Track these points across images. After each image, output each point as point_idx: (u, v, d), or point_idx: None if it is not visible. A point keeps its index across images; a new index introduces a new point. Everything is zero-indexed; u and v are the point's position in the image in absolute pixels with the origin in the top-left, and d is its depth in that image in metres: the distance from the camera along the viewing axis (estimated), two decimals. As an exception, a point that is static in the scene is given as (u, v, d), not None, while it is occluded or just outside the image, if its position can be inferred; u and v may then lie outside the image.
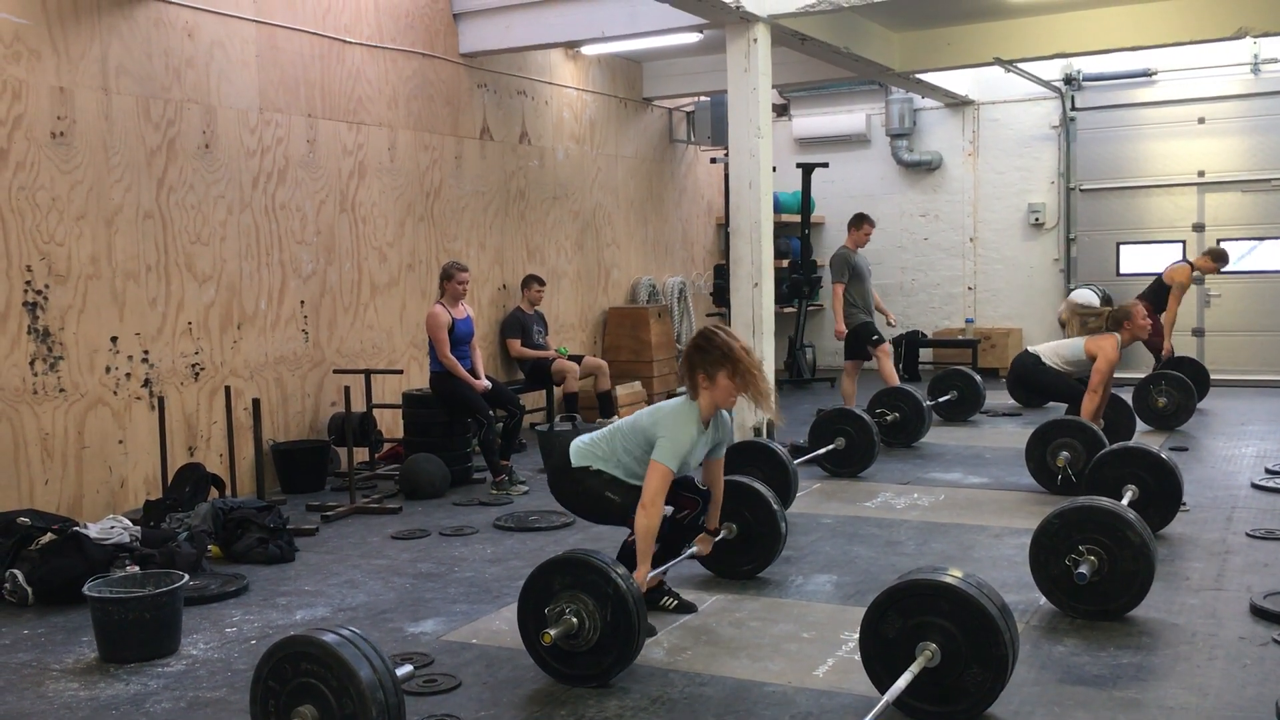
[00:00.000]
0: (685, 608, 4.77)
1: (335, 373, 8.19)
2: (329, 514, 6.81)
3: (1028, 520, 5.79)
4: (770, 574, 5.26)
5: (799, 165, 12.66)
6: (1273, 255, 11.94)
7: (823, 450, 7.56)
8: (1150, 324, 7.72)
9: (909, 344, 12.83)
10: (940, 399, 9.67)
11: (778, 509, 5.20)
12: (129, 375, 6.82)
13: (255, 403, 6.94)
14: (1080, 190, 12.80)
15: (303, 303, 8.03)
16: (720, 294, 12.37)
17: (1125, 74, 12.35)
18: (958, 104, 13.25)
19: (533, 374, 9.62)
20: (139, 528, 5.70)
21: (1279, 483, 7.02)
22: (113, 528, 5.55)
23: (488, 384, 7.68)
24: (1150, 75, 12.25)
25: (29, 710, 3.93)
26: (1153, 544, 4.50)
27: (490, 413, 7.50)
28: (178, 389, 7.12)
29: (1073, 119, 12.73)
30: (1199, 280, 11.18)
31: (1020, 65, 11.04)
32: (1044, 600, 4.67)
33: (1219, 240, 12.07)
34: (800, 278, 12.55)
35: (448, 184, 9.39)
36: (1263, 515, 6.25)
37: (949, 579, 3.57)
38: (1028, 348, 7.96)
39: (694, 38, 9.92)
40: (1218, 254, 10.12)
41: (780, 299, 11.81)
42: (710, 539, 4.90)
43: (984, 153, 13.32)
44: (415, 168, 9.05)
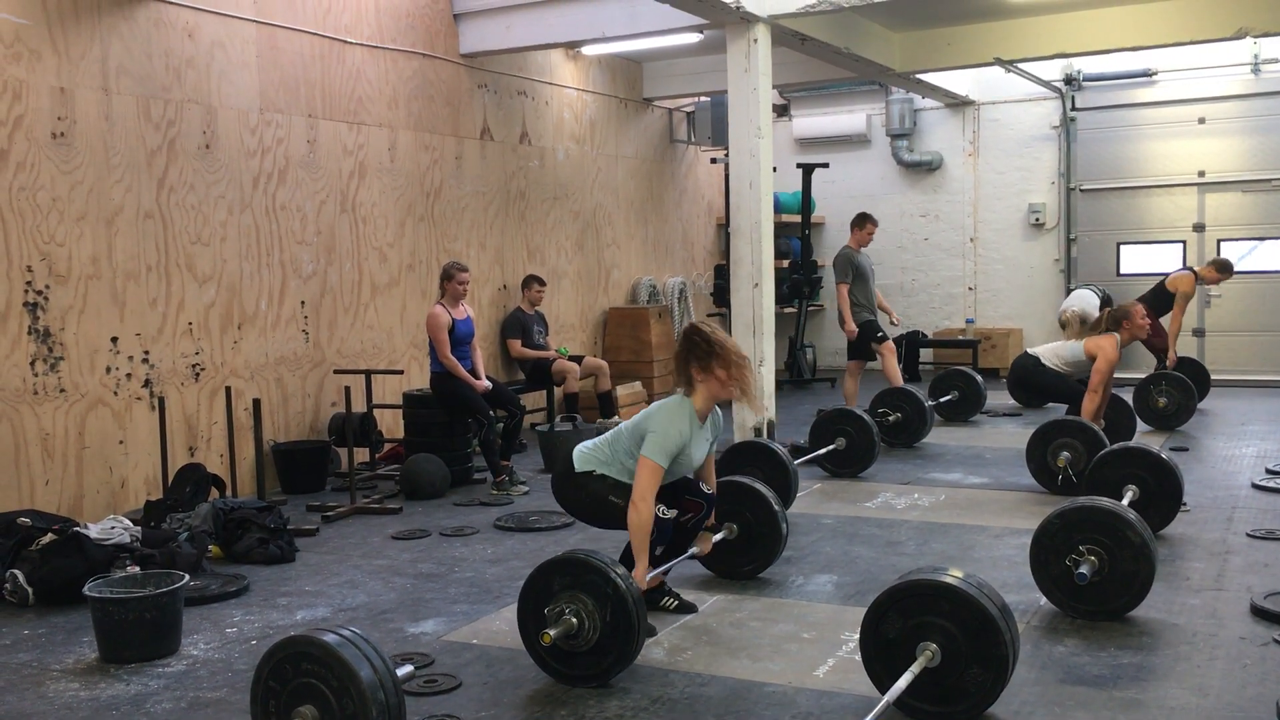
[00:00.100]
0: (686, 608, 4.77)
1: (336, 373, 8.19)
2: (329, 514, 6.81)
3: (1028, 520, 5.79)
4: (771, 574, 5.26)
5: (799, 165, 12.66)
6: (1273, 255, 11.93)
7: (823, 450, 7.56)
8: (1149, 324, 7.74)
9: (909, 344, 12.83)
10: (941, 399, 9.66)
11: (779, 509, 5.20)
12: (129, 375, 6.82)
13: (256, 403, 6.94)
14: (1080, 190, 12.80)
15: (303, 303, 8.03)
16: (721, 294, 12.38)
17: (1125, 74, 12.35)
18: (958, 104, 13.25)
19: (533, 374, 9.62)
20: (139, 528, 5.70)
21: (1279, 483, 7.02)
22: (113, 528, 5.55)
23: (488, 384, 7.68)
24: (1150, 75, 12.25)
25: (30, 710, 3.93)
26: (1153, 544, 4.50)
27: (490, 413, 7.50)
28: (178, 389, 7.12)
29: (1073, 119, 12.73)
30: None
31: (1020, 65, 11.04)
32: (1044, 600, 4.67)
33: (1219, 240, 12.09)
34: (801, 278, 12.54)
35: (448, 184, 9.39)
36: (1263, 515, 6.25)
37: (949, 579, 3.57)
38: (1027, 349, 7.97)
39: (694, 38, 9.92)
40: (1222, 264, 10.08)
41: (781, 299, 11.81)
42: (709, 537, 4.90)
43: (984, 153, 13.32)
44: (416, 168, 9.05)
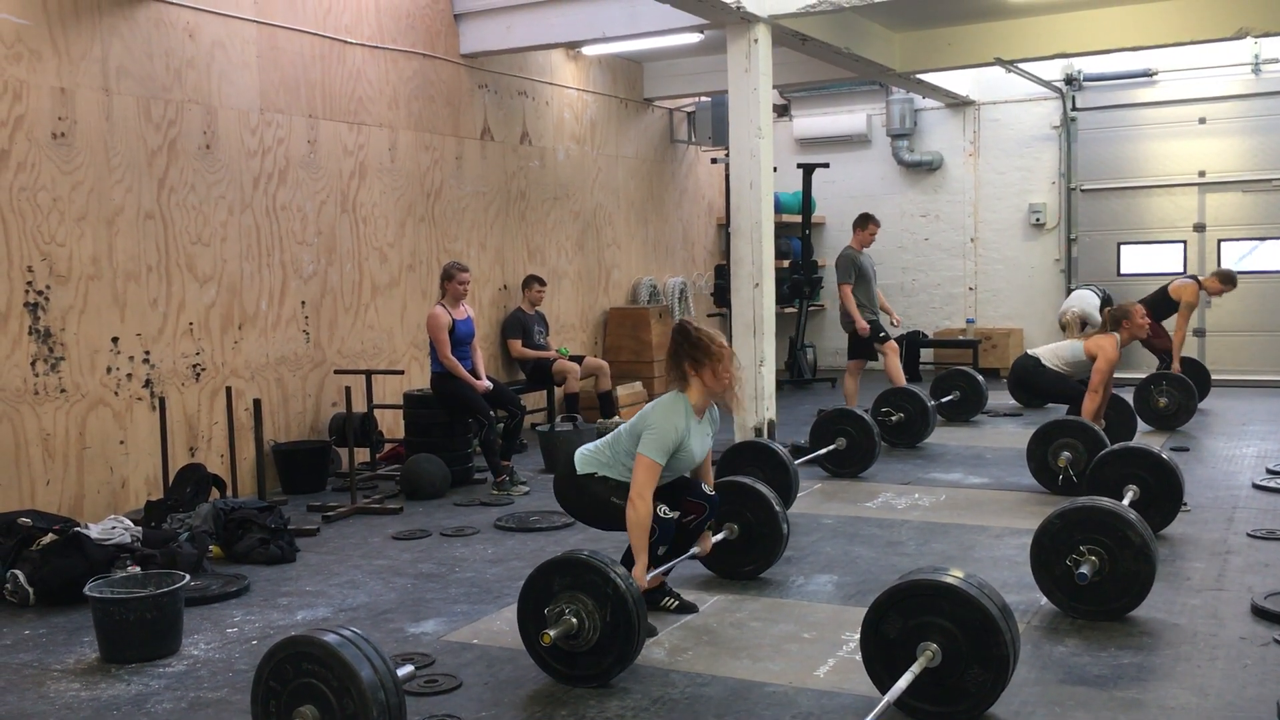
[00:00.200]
0: (686, 608, 4.77)
1: (336, 373, 8.19)
2: (330, 514, 6.81)
3: (1029, 520, 5.79)
4: (771, 574, 5.26)
5: (800, 165, 12.66)
6: (1273, 255, 11.92)
7: (824, 450, 7.56)
8: (1149, 324, 7.75)
9: (910, 344, 12.82)
10: (943, 399, 9.66)
11: (780, 510, 5.19)
12: (130, 376, 6.82)
13: (256, 403, 6.94)
14: (1081, 190, 12.80)
15: (303, 303, 8.03)
16: (721, 294, 12.38)
17: (1126, 74, 12.34)
18: (958, 104, 13.25)
19: (534, 374, 9.62)
20: (140, 528, 5.71)
21: (1279, 483, 7.03)
22: (114, 528, 5.55)
23: (489, 384, 7.67)
24: (1151, 75, 12.25)
25: (30, 710, 3.93)
26: (1154, 544, 4.50)
27: (491, 413, 7.50)
28: (179, 389, 7.12)
29: (1073, 119, 12.73)
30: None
31: (1021, 65, 11.04)
32: (1045, 600, 4.67)
33: (1220, 241, 12.09)
34: (801, 278, 12.54)
35: (448, 184, 9.40)
36: (1264, 515, 6.25)
37: (950, 579, 3.57)
38: (1028, 350, 7.97)
39: (695, 38, 9.92)
40: (1226, 276, 10.04)
41: (781, 299, 11.80)
42: (710, 537, 4.89)
43: (985, 153, 13.32)
44: (416, 168, 9.05)
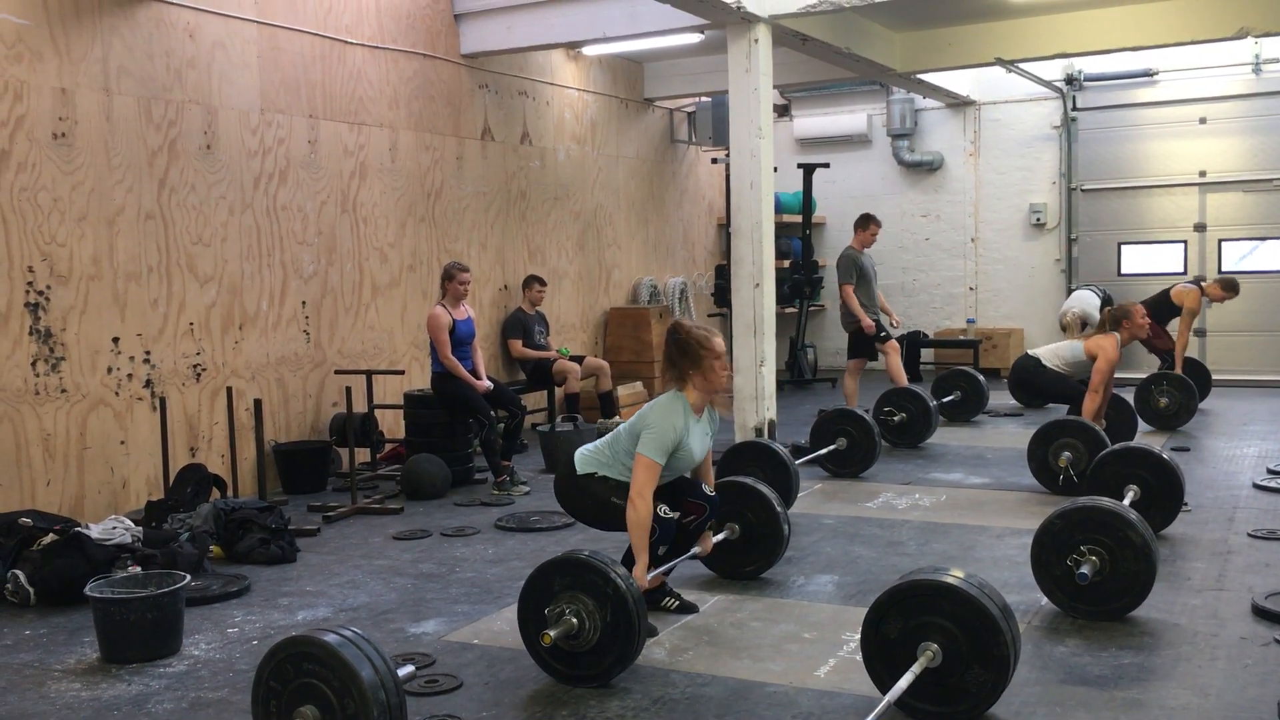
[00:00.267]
0: (687, 608, 4.77)
1: (336, 373, 8.19)
2: (330, 514, 6.81)
3: (1029, 520, 5.79)
4: (771, 574, 5.26)
5: (800, 165, 12.65)
6: (1274, 255, 11.92)
7: (824, 450, 7.55)
8: (1149, 324, 7.74)
9: (910, 344, 12.82)
10: (944, 399, 9.66)
11: (781, 510, 5.19)
12: (130, 376, 6.82)
13: (257, 403, 6.94)
14: (1081, 190, 12.80)
15: (304, 303, 8.03)
16: (721, 294, 12.38)
17: (1126, 74, 12.34)
18: (959, 104, 13.25)
19: (534, 374, 9.62)
20: (141, 528, 5.71)
21: (1280, 483, 7.02)
22: (114, 528, 5.56)
23: (489, 384, 7.67)
24: (1151, 75, 12.25)
25: (31, 711, 3.94)
26: (1154, 544, 4.50)
27: (491, 413, 7.50)
28: (179, 390, 7.12)
29: (1074, 119, 12.73)
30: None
31: (1021, 65, 11.04)
32: (1045, 600, 4.67)
33: (1220, 240, 12.09)
34: (801, 278, 12.54)
35: (449, 184, 9.40)
36: (1264, 515, 6.25)
37: (950, 579, 3.57)
38: (1028, 351, 7.97)
39: (695, 38, 9.91)
40: (1229, 283, 10.01)
41: (781, 299, 11.81)
42: (710, 536, 4.89)
43: (985, 153, 13.32)
44: (416, 168, 9.05)
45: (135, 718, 3.85)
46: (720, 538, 5.06)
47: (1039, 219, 12.99)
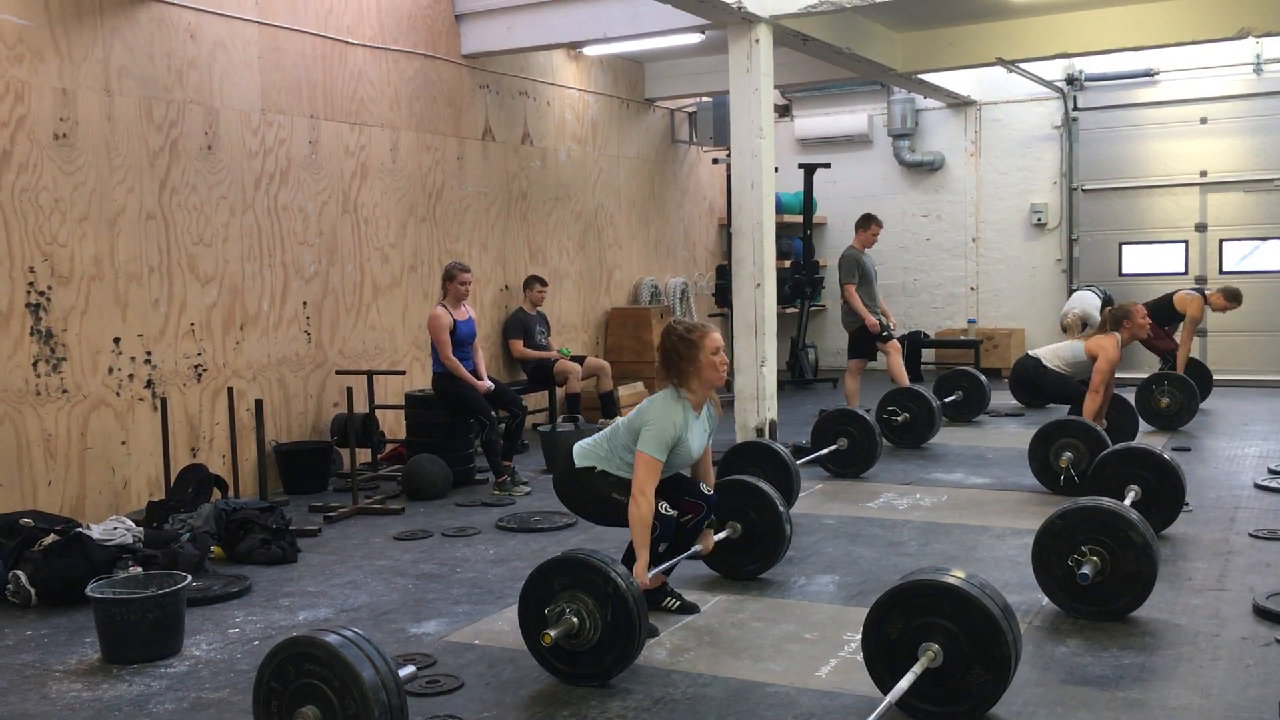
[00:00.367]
0: (688, 608, 4.77)
1: (338, 373, 8.19)
2: (331, 515, 6.81)
3: (1030, 521, 5.79)
4: (772, 575, 5.26)
5: (801, 166, 12.65)
6: (1275, 255, 11.91)
7: (825, 451, 7.55)
8: (1149, 324, 7.74)
9: (911, 344, 12.82)
10: (946, 399, 9.65)
11: (783, 510, 5.19)
12: (131, 376, 6.82)
13: (258, 404, 6.95)
14: (1082, 190, 12.79)
15: (305, 304, 8.03)
16: (722, 294, 12.37)
17: (1127, 74, 12.34)
18: (960, 104, 13.25)
19: (535, 375, 9.62)
20: (142, 529, 5.71)
21: (1282, 483, 7.02)
22: (115, 529, 5.56)
23: (490, 385, 7.68)
24: (1152, 75, 12.24)
25: (32, 711, 3.94)
26: (1155, 544, 4.50)
27: (492, 413, 7.50)
28: (180, 390, 7.12)
29: (1075, 119, 12.72)
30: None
31: (1022, 65, 11.03)
32: (1046, 601, 4.67)
33: (1221, 240, 12.08)
34: (802, 278, 12.54)
35: (450, 185, 9.40)
36: (1265, 515, 6.24)
37: (951, 579, 3.57)
38: (1029, 351, 7.97)
39: (696, 38, 9.92)
40: (1232, 294, 9.98)
41: (782, 299, 11.81)
42: (711, 534, 4.89)
43: (986, 153, 13.32)
44: (417, 169, 9.05)
45: (136, 718, 3.85)
46: (722, 536, 5.06)
47: (1040, 219, 12.99)
